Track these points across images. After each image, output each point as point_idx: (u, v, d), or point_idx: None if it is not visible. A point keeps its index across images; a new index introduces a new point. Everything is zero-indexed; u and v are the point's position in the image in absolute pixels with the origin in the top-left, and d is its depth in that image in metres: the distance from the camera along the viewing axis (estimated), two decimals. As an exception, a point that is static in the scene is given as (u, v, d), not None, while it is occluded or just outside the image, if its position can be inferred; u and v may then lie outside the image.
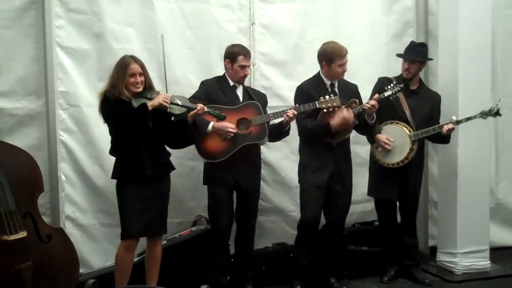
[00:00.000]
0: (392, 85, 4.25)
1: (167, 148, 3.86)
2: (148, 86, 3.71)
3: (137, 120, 3.57)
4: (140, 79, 3.65)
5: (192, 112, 3.73)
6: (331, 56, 4.19)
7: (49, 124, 4.31)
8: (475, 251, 4.77)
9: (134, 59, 3.68)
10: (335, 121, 4.11)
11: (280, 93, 4.81)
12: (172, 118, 3.73)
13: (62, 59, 4.35)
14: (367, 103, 4.16)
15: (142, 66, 3.68)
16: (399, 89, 4.24)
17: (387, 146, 4.36)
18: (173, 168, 3.89)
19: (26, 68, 4.25)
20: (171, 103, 3.63)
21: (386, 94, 4.21)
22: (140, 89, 3.65)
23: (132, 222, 3.64)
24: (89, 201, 4.46)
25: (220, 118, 3.82)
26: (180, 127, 3.76)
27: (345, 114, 4.11)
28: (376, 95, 4.23)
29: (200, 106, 3.73)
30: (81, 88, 4.38)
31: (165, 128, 3.73)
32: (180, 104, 3.67)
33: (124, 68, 3.64)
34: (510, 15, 5.46)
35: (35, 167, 3.55)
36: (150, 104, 3.56)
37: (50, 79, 4.27)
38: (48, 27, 4.24)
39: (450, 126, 4.32)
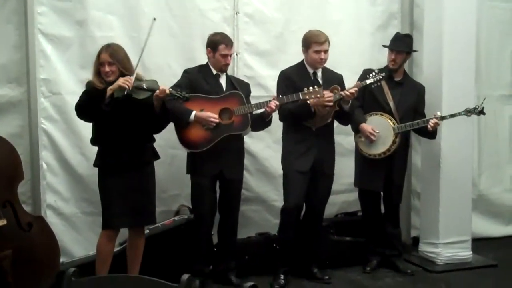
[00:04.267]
0: (374, 73, 4.24)
1: (152, 135, 3.83)
2: (123, 75, 3.60)
3: (93, 104, 3.52)
4: (109, 68, 3.59)
5: (155, 94, 3.64)
6: (308, 41, 4.18)
7: (30, 112, 4.25)
8: (457, 242, 4.81)
9: (107, 48, 3.62)
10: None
11: (263, 82, 4.79)
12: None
13: (44, 46, 4.29)
14: (347, 90, 4.12)
15: (112, 55, 3.60)
16: (381, 77, 4.23)
17: (371, 137, 4.37)
18: (157, 156, 3.87)
19: (8, 55, 4.18)
20: (136, 88, 3.54)
21: (368, 82, 4.19)
22: (111, 78, 3.60)
23: (112, 212, 3.63)
24: (71, 189, 4.42)
25: (184, 99, 3.74)
26: (147, 111, 3.68)
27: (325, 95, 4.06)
28: (357, 83, 4.21)
29: (160, 87, 3.64)
30: (63, 76, 4.33)
31: (137, 114, 3.66)
32: (145, 87, 3.59)
33: (97, 57, 3.63)
34: (495, 6, 5.49)
35: (14, 155, 3.53)
36: (110, 88, 3.51)
37: (32, 66, 4.22)
38: (30, 14, 4.18)
39: (435, 121, 4.32)
